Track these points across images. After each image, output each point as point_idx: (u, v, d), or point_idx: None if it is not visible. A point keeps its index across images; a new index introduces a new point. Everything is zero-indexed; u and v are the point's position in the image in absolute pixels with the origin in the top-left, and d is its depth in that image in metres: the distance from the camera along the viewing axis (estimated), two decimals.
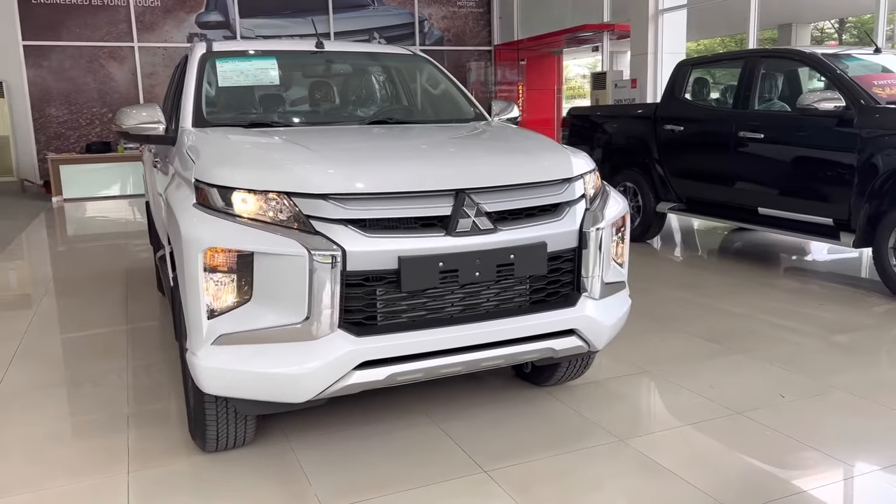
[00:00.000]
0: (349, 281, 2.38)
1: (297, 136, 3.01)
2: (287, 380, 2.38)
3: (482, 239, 2.50)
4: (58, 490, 2.64)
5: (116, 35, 14.84)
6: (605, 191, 3.05)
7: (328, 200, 2.39)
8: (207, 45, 3.87)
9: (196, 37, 15.54)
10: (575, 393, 3.43)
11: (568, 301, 2.73)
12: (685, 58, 7.06)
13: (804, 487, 2.56)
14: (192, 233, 2.41)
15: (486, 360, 2.61)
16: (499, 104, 4.06)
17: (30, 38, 14.18)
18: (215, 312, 2.40)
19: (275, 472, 2.75)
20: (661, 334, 4.31)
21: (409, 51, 4.30)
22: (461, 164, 2.65)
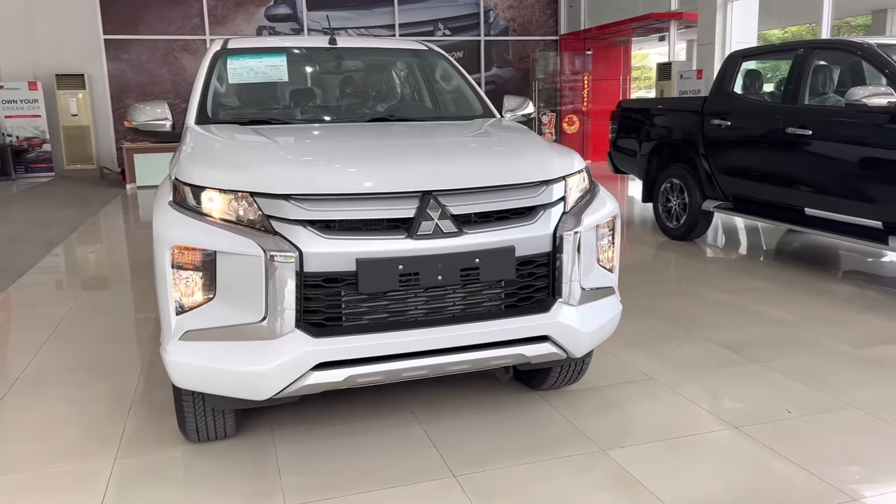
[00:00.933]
0: (307, 282, 2.39)
1: (284, 135, 3.04)
2: (246, 378, 2.41)
3: (445, 242, 2.46)
4: (42, 472, 2.77)
5: (190, 28, 15.38)
6: (593, 191, 2.95)
7: (289, 201, 2.41)
8: (223, 42, 3.96)
9: (265, 29, 15.95)
10: (570, 398, 3.35)
11: (541, 307, 2.66)
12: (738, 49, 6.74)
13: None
14: (161, 230, 2.48)
15: (451, 364, 2.57)
16: (513, 100, 3.99)
17: (110, 32, 14.87)
18: (183, 309, 2.46)
19: (251, 466, 2.79)
20: (679, 340, 4.15)
21: (425, 45, 4.27)
22: (429, 165, 2.61)
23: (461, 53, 17.05)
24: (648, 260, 6.61)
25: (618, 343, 4.04)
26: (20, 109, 14.17)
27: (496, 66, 17.38)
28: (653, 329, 4.37)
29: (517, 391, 3.43)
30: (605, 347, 3.96)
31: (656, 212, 7.33)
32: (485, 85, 17.16)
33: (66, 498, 2.58)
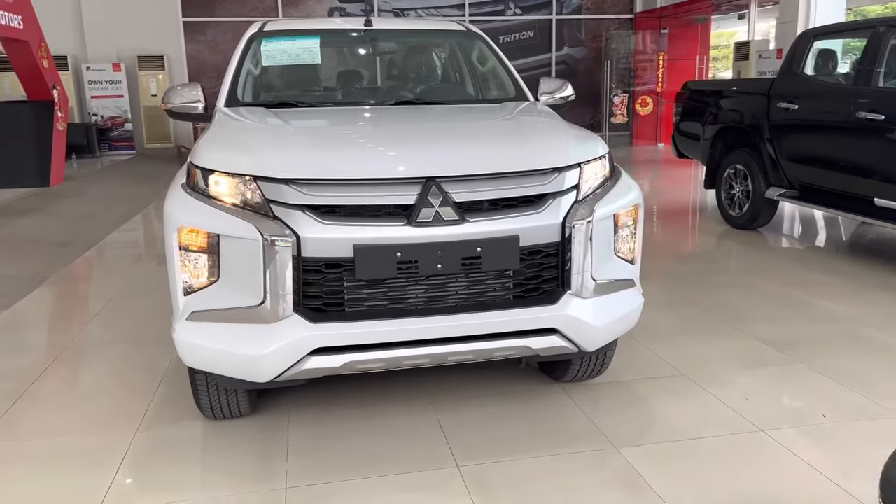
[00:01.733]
0: (306, 267, 2.38)
1: (301, 118, 3.04)
2: (246, 360, 2.44)
3: (445, 230, 2.40)
4: (66, 440, 2.89)
5: (263, 10, 15.68)
6: (614, 179, 2.82)
7: (290, 185, 2.40)
8: (261, 25, 3.99)
9: (336, 10, 16.09)
10: (592, 392, 3.25)
11: (549, 298, 2.57)
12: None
13: None
14: (170, 211, 2.52)
15: (454, 354, 2.52)
16: (550, 83, 3.86)
17: (189, 14, 15.33)
18: (191, 290, 2.50)
19: (261, 446, 2.84)
20: (721, 334, 3.96)
21: (462, 26, 4.18)
22: (434, 151, 2.55)
23: (532, 33, 16.77)
24: (705, 249, 6.35)
25: (653, 336, 3.90)
26: (104, 90, 14.82)
27: (568, 46, 17.00)
28: (695, 322, 4.19)
29: (540, 382, 3.35)
30: (639, 340, 3.83)
31: (719, 199, 7.02)
32: (555, 65, 16.84)
33: (82, 468, 2.69)
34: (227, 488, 2.54)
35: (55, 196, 9.51)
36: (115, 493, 2.52)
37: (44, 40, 10.31)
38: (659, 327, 4.11)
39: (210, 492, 2.53)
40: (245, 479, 2.60)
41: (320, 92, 3.86)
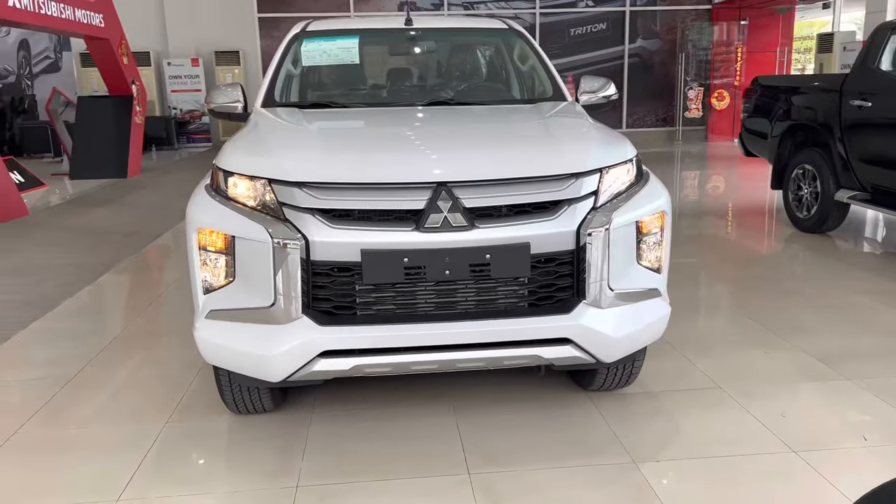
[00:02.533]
0: (315, 270, 2.40)
1: (327, 120, 3.05)
2: (257, 360, 2.48)
3: (453, 236, 2.37)
4: (97, 430, 3.02)
5: (336, 5, 15.94)
6: (640, 184, 2.72)
7: (301, 189, 2.42)
8: (304, 25, 4.04)
9: (406, 5, 16.18)
10: (621, 402, 3.16)
11: (563, 307, 2.50)
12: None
13: None
14: (191, 212, 2.59)
15: (462, 361, 2.50)
16: (591, 81, 3.76)
17: (264, 10, 15.73)
18: (209, 289, 2.56)
19: (281, 442, 2.89)
20: (768, 346, 3.78)
21: (505, 24, 4.12)
22: (445, 156, 2.52)
23: (604, 25, 16.42)
24: (767, 253, 6.08)
25: (695, 345, 3.77)
26: (183, 84, 15.41)
27: (641, 38, 16.56)
28: (742, 332, 4.02)
29: (567, 389, 3.28)
30: (678, 349, 3.71)
31: (786, 200, 6.70)
32: (628, 58, 16.45)
33: (110, 455, 2.80)
34: (241, 483, 2.60)
35: (131, 187, 9.97)
36: (136, 482, 2.61)
37: (124, 38, 10.78)
38: (703, 335, 3.97)
39: (224, 486, 2.59)
40: (260, 475, 2.66)
41: (355, 92, 3.88)
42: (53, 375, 3.58)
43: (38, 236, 6.85)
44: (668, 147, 15.40)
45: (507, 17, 16.01)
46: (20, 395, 3.42)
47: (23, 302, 4.82)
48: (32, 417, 3.14)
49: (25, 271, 5.60)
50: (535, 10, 16.19)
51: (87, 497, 2.52)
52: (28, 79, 16.23)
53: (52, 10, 8.35)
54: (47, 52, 16.14)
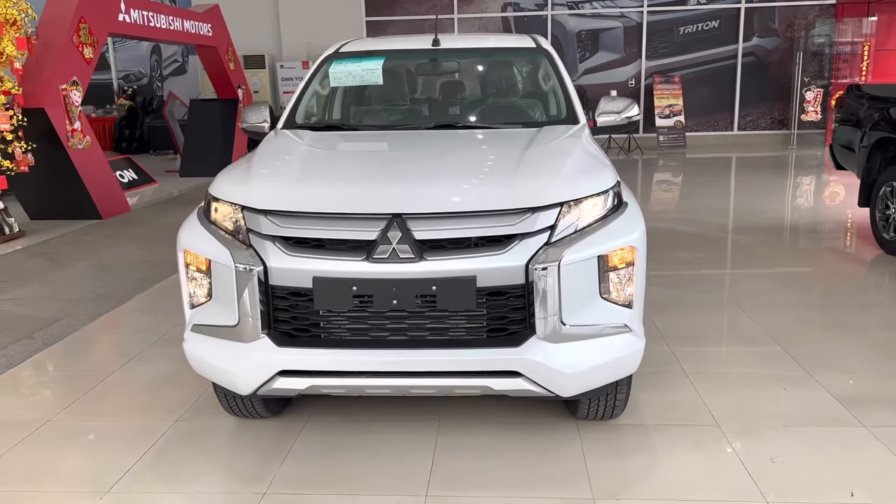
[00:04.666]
0: (275, 294, 2.55)
1: (320, 145, 3.20)
2: (227, 374, 2.67)
3: (399, 267, 2.43)
4: (110, 423, 3.33)
5: (440, 8, 16.17)
6: (614, 216, 2.66)
7: (266, 216, 2.57)
8: (338, 47, 4.22)
9: (510, 6, 16.18)
10: (607, 433, 3.12)
11: (513, 341, 2.51)
12: None
13: None
14: (180, 233, 2.81)
15: (414, 387, 2.57)
16: (610, 102, 3.70)
17: (371, 14, 16.24)
18: (193, 304, 2.78)
19: (268, 447, 3.07)
20: (789, 382, 3.58)
21: (534, 42, 4.10)
22: (401, 187, 2.58)
23: (716, 23, 15.70)
24: (837, 275, 5.66)
25: (710, 377, 3.63)
26: (294, 86, 16.15)
27: (757, 36, 15.71)
28: (766, 364, 3.82)
29: (560, 416, 3.26)
30: (693, 380, 3.59)
31: (872, 219, 6.22)
32: (742, 57, 15.65)
33: (116, 448, 3.08)
34: (217, 485, 2.80)
35: None
36: (129, 476, 2.87)
37: (231, 45, 11.50)
38: (725, 366, 3.81)
39: (200, 486, 2.80)
40: (237, 478, 2.85)
41: (369, 115, 4.00)
42: (98, 369, 3.96)
43: (131, 232, 7.49)
44: (782, 151, 14.55)
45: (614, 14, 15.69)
46: (65, 386, 3.81)
47: (98, 295, 5.32)
48: (67, 408, 3.50)
49: (110, 265, 6.16)
50: (642, 8, 15.73)
51: (82, 486, 2.81)
52: (159, 81, 17.61)
53: (161, 23, 9.06)
54: (176, 56, 17.43)
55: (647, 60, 15.92)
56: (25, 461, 3.01)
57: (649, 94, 15.77)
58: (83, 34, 7.70)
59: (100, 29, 7.99)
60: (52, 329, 4.62)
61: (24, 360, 4.15)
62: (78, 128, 7.62)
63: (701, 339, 4.23)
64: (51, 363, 4.14)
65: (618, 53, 16.04)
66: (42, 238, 7.26)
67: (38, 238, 7.25)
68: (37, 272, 6.04)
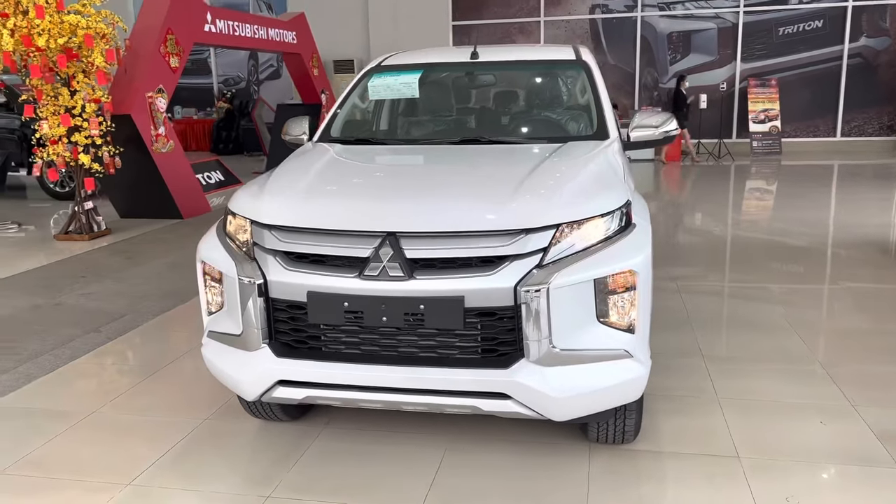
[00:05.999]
0: (275, 306, 2.64)
1: (341, 161, 3.28)
2: (234, 380, 2.78)
3: (388, 285, 2.46)
4: (144, 418, 3.53)
5: (527, 11, 16.13)
6: (616, 238, 2.60)
7: (270, 231, 2.67)
8: (380, 60, 4.29)
9: (598, 8, 15.90)
10: (617, 458, 3.04)
11: (502, 362, 2.49)
12: None
13: None
14: (199, 244, 2.96)
15: (405, 403, 2.59)
16: (646, 116, 3.60)
17: (458, 18, 16.37)
18: (210, 312, 2.92)
19: (282, 451, 3.18)
20: (828, 416, 3.37)
21: (574, 54, 4.03)
22: (394, 205, 2.61)
23: (820, 23, 14.88)
24: None
25: (743, 404, 3.48)
26: None
27: (866, 36, 14.79)
28: (809, 392, 3.61)
29: (572, 438, 3.21)
30: (724, 406, 3.45)
31: None
32: (847, 58, 14.76)
33: (145, 444, 3.27)
34: (226, 486, 2.92)
35: None
36: (152, 470, 3.04)
37: (316, 52, 11.88)
38: (762, 393, 3.62)
39: (211, 486, 2.93)
40: (246, 480, 2.97)
41: (399, 128, 4.04)
42: (149, 364, 4.21)
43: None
44: (889, 159, 13.64)
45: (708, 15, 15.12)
46: (116, 379, 4.08)
47: (165, 293, 5.64)
48: (112, 401, 3.74)
49: (181, 264, 6.51)
50: (738, 8, 15.11)
51: (107, 477, 3.00)
52: (255, 85, 18.40)
53: (247, 32, 9.49)
54: (271, 61, 18.16)
55: (742, 63, 15.28)
56: (62, 450, 3.25)
57: (743, 98, 15.13)
58: (170, 44, 8.19)
59: (186, 39, 8.46)
60: (117, 324, 4.94)
61: (86, 352, 4.46)
62: (162, 133, 8.10)
63: (744, 361, 4.04)
64: (109, 357, 4.43)
65: (711, 55, 15.49)
66: (126, 236, 7.77)
67: (123, 236, 7.77)
68: (114, 268, 6.47)
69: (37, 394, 3.87)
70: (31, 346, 4.52)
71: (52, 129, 6.98)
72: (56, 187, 10.06)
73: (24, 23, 6.59)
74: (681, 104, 13.55)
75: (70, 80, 7.09)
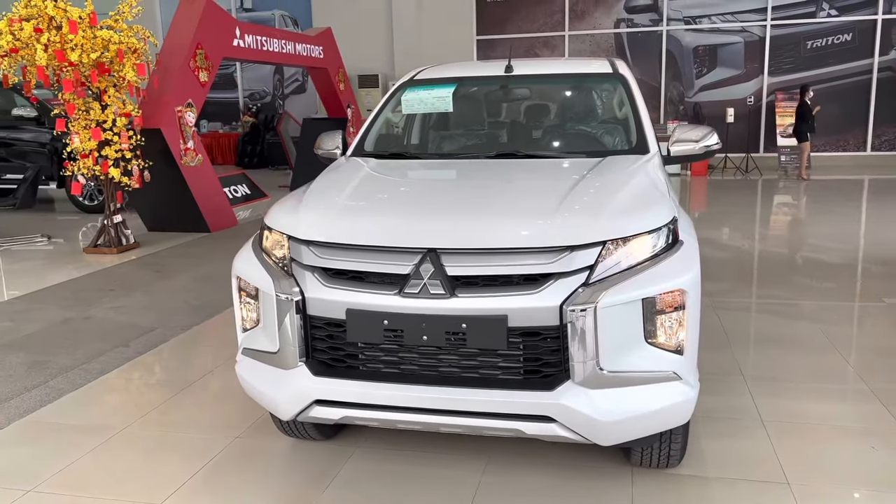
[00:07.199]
0: (313, 323, 2.58)
1: (378, 176, 3.24)
2: (270, 399, 2.73)
3: (429, 303, 2.40)
4: (175, 435, 3.48)
5: (551, 25, 16.10)
6: (664, 255, 2.52)
7: (309, 247, 2.62)
8: (413, 74, 4.26)
9: (623, 22, 15.84)
10: (662, 484, 2.94)
11: (547, 384, 2.41)
12: None
13: None
14: (235, 260, 2.92)
15: (444, 425, 2.52)
16: (687, 131, 3.53)
17: (482, 33, 16.39)
18: (245, 328, 2.88)
19: (317, 471, 3.12)
20: (880, 440, 3.25)
21: (610, 67, 3.97)
22: (435, 221, 2.55)
23: (849, 36, 14.71)
24: None
25: (791, 428, 3.37)
26: None
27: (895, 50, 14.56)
28: (861, 418, 3.48)
29: (616, 461, 3.11)
30: (770, 430, 3.34)
31: None
32: (877, 72, 14.55)
33: (178, 461, 3.22)
34: None
35: None
36: (184, 489, 3.00)
37: (342, 66, 11.93)
38: (809, 417, 3.50)
39: None
40: (279, 500, 2.91)
41: (434, 143, 3.99)
42: (179, 380, 4.18)
43: (235, 245, 7.82)
44: None
45: (735, 29, 14.99)
46: (146, 395, 4.04)
47: (194, 307, 5.63)
48: (143, 417, 3.71)
49: (210, 277, 6.51)
50: (765, 22, 14.97)
51: (140, 496, 2.95)
52: (281, 99, 18.53)
53: (274, 47, 9.54)
54: (297, 76, 18.29)
55: (769, 76, 15.11)
56: (94, 468, 3.21)
57: (770, 112, 14.95)
58: (199, 59, 8.25)
59: (215, 54, 8.53)
60: (146, 338, 4.93)
61: (116, 367, 4.44)
62: (191, 147, 8.15)
63: (787, 382, 3.92)
64: (138, 372, 4.41)
65: (737, 69, 15.34)
66: (154, 249, 7.79)
67: (151, 249, 7.79)
68: (143, 282, 6.48)
69: (68, 409, 3.85)
70: (61, 361, 4.51)
71: (84, 143, 7.04)
72: (85, 200, 10.16)
73: (58, 38, 6.66)
74: (807, 115, 13.04)
75: (101, 94, 7.15)
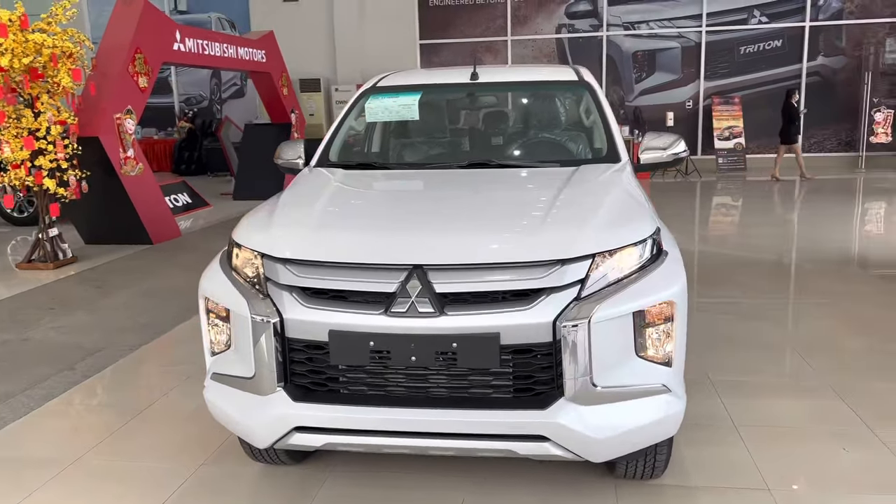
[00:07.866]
0: (292, 346, 2.45)
1: (348, 188, 3.12)
2: (244, 427, 2.58)
3: (418, 322, 2.30)
4: (134, 464, 3.27)
5: (494, 30, 16.16)
6: (651, 267, 2.49)
7: (285, 265, 2.48)
8: (375, 81, 4.14)
9: (564, 27, 16.03)
10: (645, 495, 2.91)
11: (539, 402, 2.34)
12: None
13: None
14: (202, 280, 2.75)
15: (433, 448, 2.42)
16: (655, 138, 3.52)
17: (425, 37, 16.32)
18: (214, 352, 2.71)
19: (292, 495, 2.97)
20: (851, 442, 3.30)
21: (575, 75, 3.94)
22: (420, 236, 2.46)
23: (779, 42, 15.23)
24: None
25: (762, 433, 3.39)
26: None
27: (822, 55, 15.18)
28: (825, 420, 3.53)
29: (598, 473, 3.07)
30: (745, 436, 3.35)
31: None
32: (806, 77, 15.11)
33: (140, 493, 3.02)
34: None
35: None
36: None
37: (285, 71, 11.66)
38: (779, 420, 3.54)
39: None
40: None
41: (401, 152, 3.90)
42: (132, 405, 3.94)
43: (179, 258, 7.58)
44: (849, 174, 13.98)
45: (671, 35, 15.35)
46: (98, 421, 3.80)
47: (141, 325, 5.36)
48: (97, 446, 3.47)
49: (155, 293, 6.23)
50: (700, 28, 15.38)
51: None
52: (218, 104, 18.04)
53: (216, 51, 9.24)
54: (235, 80, 17.84)
55: (705, 81, 15.53)
56: (50, 499, 2.99)
57: (707, 116, 15.36)
58: (138, 64, 7.91)
59: (155, 58, 8.19)
60: (92, 360, 4.66)
61: (62, 392, 4.17)
62: (131, 155, 7.80)
63: (752, 384, 3.97)
64: (87, 396, 4.15)
65: (675, 74, 15.71)
66: (93, 264, 7.42)
67: (90, 264, 7.42)
68: (84, 299, 6.15)
69: (12, 440, 3.58)
70: (1, 387, 4.21)
71: (15, 153, 6.64)
72: (14, 212, 9.63)
73: None
74: (794, 117, 13.14)
75: (34, 101, 6.77)
